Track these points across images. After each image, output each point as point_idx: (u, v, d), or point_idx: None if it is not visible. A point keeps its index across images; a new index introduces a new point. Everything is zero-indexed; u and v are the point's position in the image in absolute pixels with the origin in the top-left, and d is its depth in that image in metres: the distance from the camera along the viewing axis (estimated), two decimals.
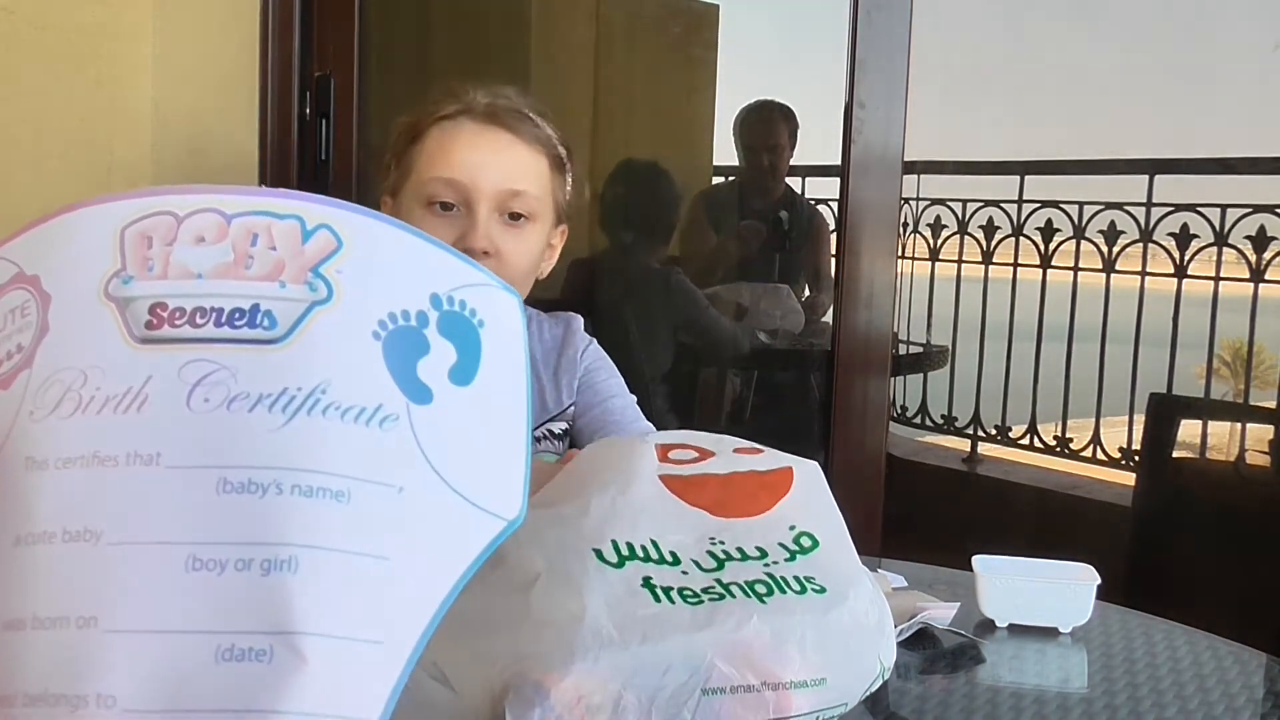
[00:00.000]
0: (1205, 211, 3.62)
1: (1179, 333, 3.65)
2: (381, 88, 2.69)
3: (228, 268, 0.59)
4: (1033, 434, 3.95)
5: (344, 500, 0.55)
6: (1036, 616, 1.19)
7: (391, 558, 0.56)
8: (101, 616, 0.52)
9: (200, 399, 0.55)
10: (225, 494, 0.54)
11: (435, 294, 0.63)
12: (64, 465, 0.55)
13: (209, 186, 0.65)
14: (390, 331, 0.60)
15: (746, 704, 0.81)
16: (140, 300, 0.58)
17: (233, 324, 0.58)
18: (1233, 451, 3.51)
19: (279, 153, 2.42)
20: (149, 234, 0.60)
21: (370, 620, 0.55)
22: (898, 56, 2.42)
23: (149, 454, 0.54)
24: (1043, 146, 9.03)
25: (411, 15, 2.93)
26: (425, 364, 0.61)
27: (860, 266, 2.47)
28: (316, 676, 0.52)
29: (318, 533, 0.54)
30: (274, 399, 0.56)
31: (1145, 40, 10.93)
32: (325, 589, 0.53)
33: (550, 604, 0.81)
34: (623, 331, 2.77)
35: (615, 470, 0.92)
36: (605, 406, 1.42)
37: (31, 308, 0.60)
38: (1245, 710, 1.03)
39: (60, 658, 0.51)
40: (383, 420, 0.58)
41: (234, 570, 0.52)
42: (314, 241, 0.61)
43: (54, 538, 0.53)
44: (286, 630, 0.52)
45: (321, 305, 0.59)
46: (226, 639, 0.51)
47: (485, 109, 1.34)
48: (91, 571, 0.52)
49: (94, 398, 0.56)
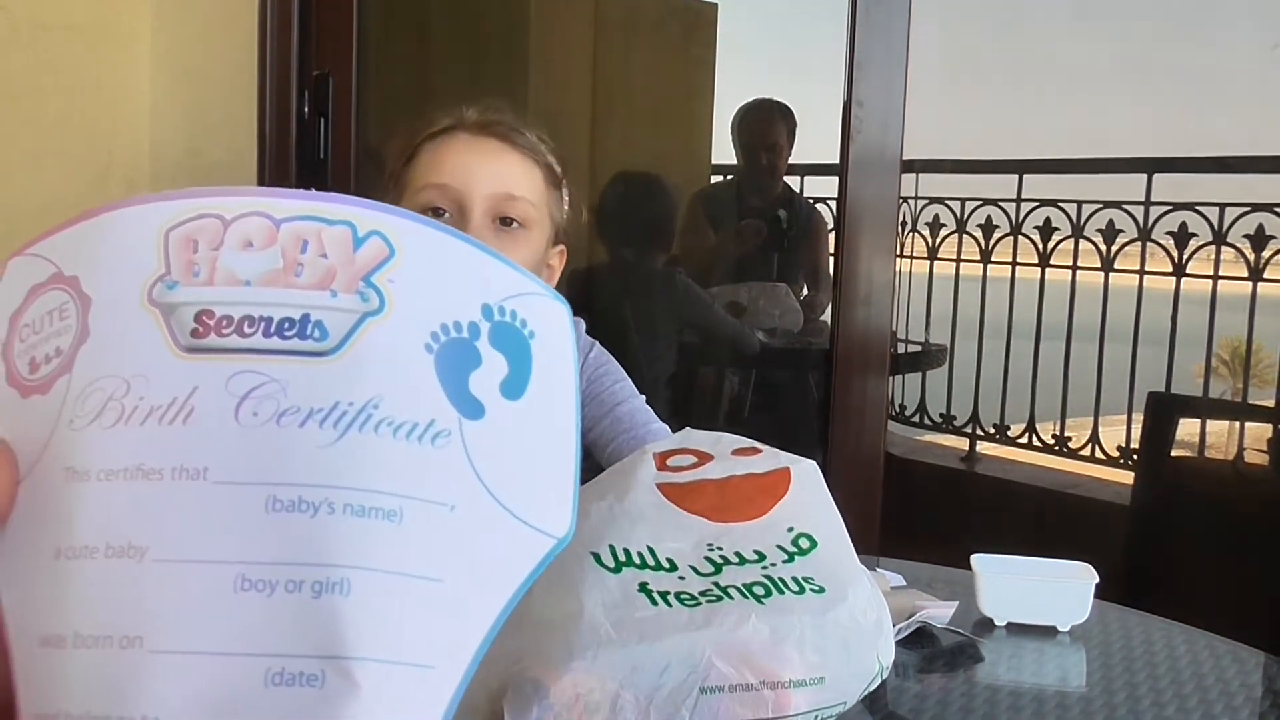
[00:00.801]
0: (1204, 210, 3.62)
1: (1177, 331, 3.65)
2: (380, 87, 2.70)
3: (277, 275, 0.57)
4: (1031, 433, 3.95)
5: (396, 520, 0.54)
6: (1035, 615, 1.20)
7: (444, 579, 0.54)
8: (146, 636, 0.50)
9: (249, 412, 0.54)
10: (275, 512, 0.52)
11: (487, 304, 0.60)
12: (107, 477, 0.53)
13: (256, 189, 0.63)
14: (443, 344, 0.58)
15: (745, 703, 0.81)
16: (185, 307, 0.56)
17: (282, 334, 0.56)
18: (1231, 450, 3.51)
19: (277, 152, 2.42)
20: (194, 237, 0.58)
21: (422, 644, 0.53)
22: (896, 55, 2.42)
23: (196, 469, 0.53)
24: (1041, 145, 9.05)
25: (410, 15, 2.93)
26: (477, 377, 0.58)
27: (859, 265, 2.47)
28: (368, 702, 0.50)
29: (370, 554, 0.52)
30: (325, 414, 0.54)
31: (1145, 40, 10.94)
32: (377, 612, 0.52)
33: (548, 604, 0.81)
34: (627, 333, 2.78)
35: (613, 479, 0.93)
36: (614, 415, 1.40)
37: (71, 310, 0.59)
38: (1243, 709, 1.03)
39: (103, 678, 0.50)
40: (435, 437, 0.56)
41: (284, 592, 0.51)
42: (366, 249, 0.60)
43: (96, 552, 0.52)
44: (338, 655, 0.51)
45: (374, 316, 0.57)
46: (276, 662, 0.50)
47: (478, 121, 1.34)
48: (136, 589, 0.51)
49: (137, 408, 0.54)
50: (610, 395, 1.42)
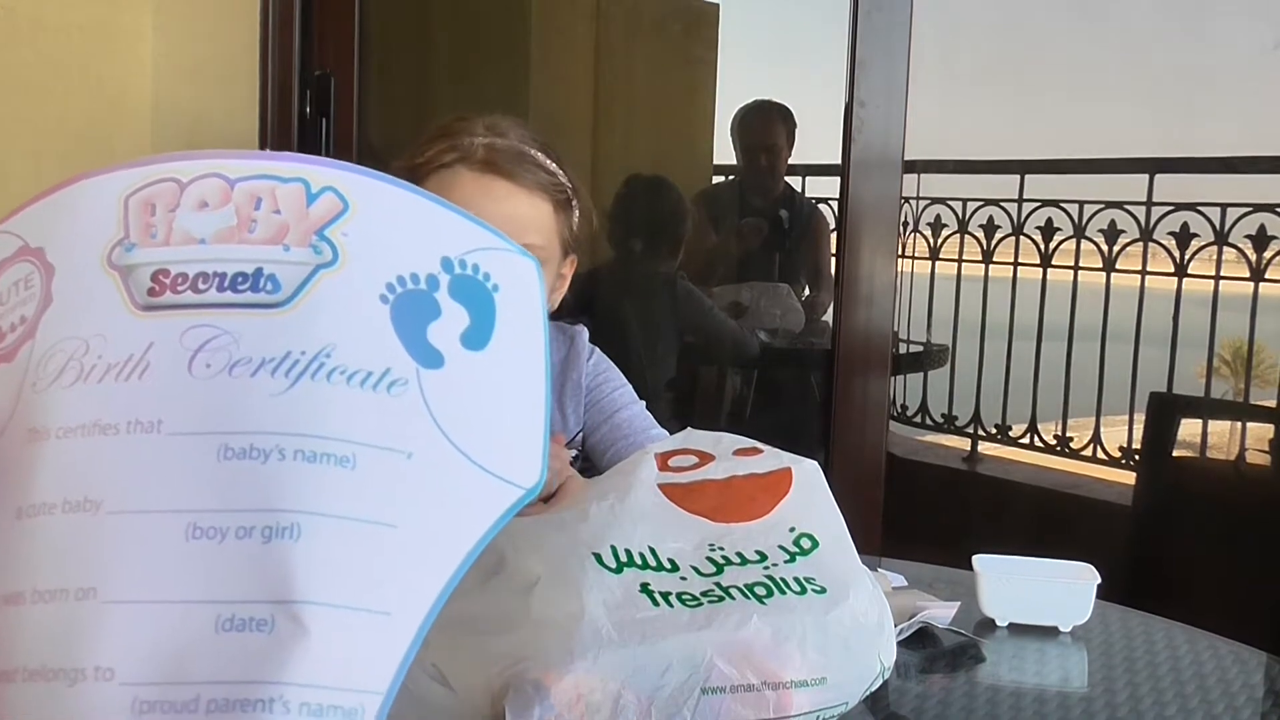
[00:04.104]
0: (1205, 210, 3.62)
1: (1179, 332, 3.64)
2: (381, 87, 2.70)
3: (231, 232, 0.58)
4: (1033, 433, 3.94)
5: (349, 466, 0.54)
6: (1036, 616, 1.19)
7: (400, 525, 0.55)
8: (100, 587, 0.51)
9: (202, 365, 0.54)
10: (226, 460, 0.53)
11: (446, 257, 0.61)
12: (65, 435, 0.54)
13: (212, 151, 0.63)
14: (399, 295, 0.59)
15: (746, 703, 0.81)
16: (143, 268, 0.58)
17: (235, 288, 0.57)
18: (1233, 451, 3.51)
19: (280, 150, 2.42)
20: (152, 201, 0.59)
21: (377, 590, 0.53)
22: (897, 56, 2.42)
23: (150, 421, 0.53)
24: (1043, 145, 9.01)
25: (411, 15, 2.93)
26: (436, 328, 0.59)
27: (860, 265, 2.47)
28: (319, 647, 0.51)
29: (321, 499, 0.53)
30: (277, 363, 0.55)
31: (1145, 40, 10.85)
32: (329, 557, 0.52)
33: (549, 604, 0.81)
34: (629, 338, 2.78)
35: (615, 479, 0.93)
36: (613, 421, 1.39)
37: (35, 280, 0.59)
38: (1245, 709, 1.03)
39: (58, 630, 0.51)
40: (391, 384, 0.57)
41: (234, 539, 0.51)
42: (319, 204, 0.60)
43: (54, 508, 0.53)
44: (287, 599, 0.51)
45: (326, 268, 0.58)
46: (226, 609, 0.51)
47: (484, 155, 1.27)
48: (91, 542, 0.52)
49: (95, 366, 0.55)
50: (610, 401, 1.41)
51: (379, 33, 2.65)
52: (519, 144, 1.29)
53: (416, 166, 1.29)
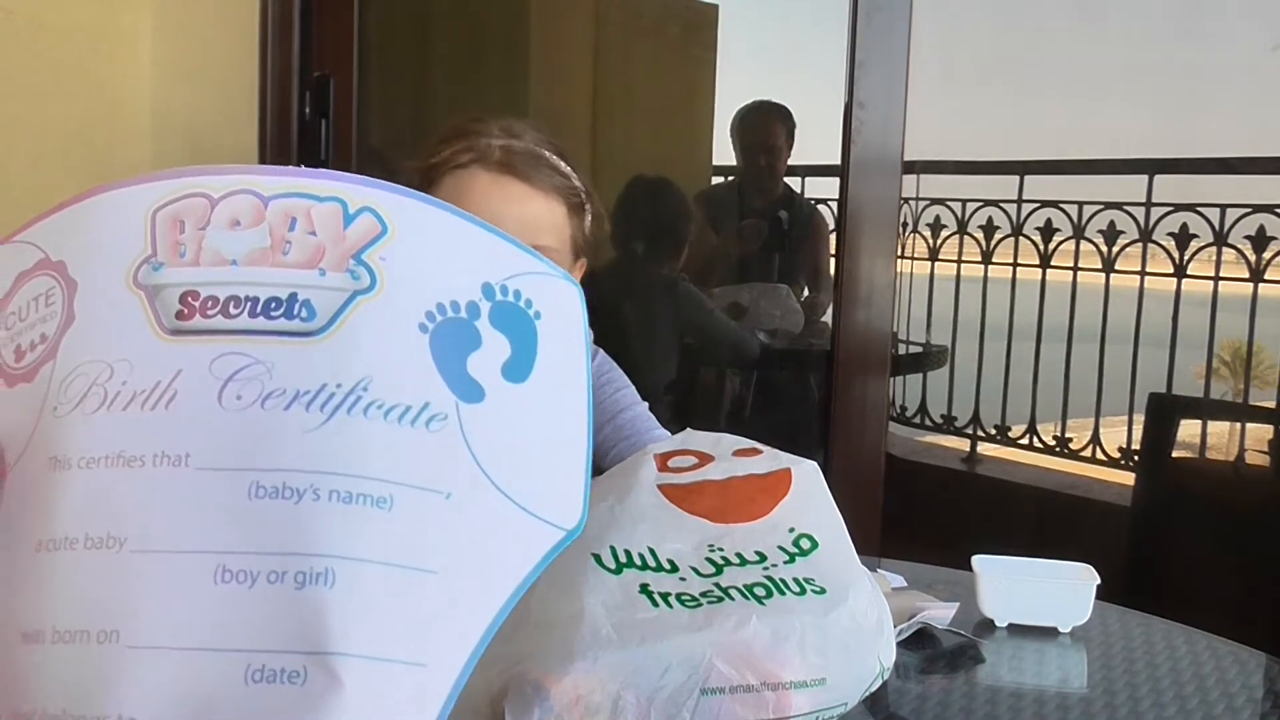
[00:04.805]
0: (1205, 211, 3.62)
1: (1178, 332, 3.64)
2: (381, 88, 2.69)
3: (264, 254, 0.56)
4: (1032, 434, 3.94)
5: (386, 507, 0.51)
6: (1036, 616, 1.19)
7: (438, 571, 0.52)
8: (123, 630, 0.49)
9: (232, 396, 0.52)
10: (257, 499, 0.50)
11: (488, 283, 0.58)
12: (87, 465, 0.51)
13: (246, 166, 0.59)
14: (438, 324, 0.56)
15: (746, 704, 0.81)
16: (170, 288, 0.55)
17: (268, 314, 0.54)
18: (1232, 451, 3.51)
19: (279, 153, 2.42)
20: (181, 217, 0.56)
21: (413, 640, 0.51)
22: (897, 56, 2.42)
23: (177, 455, 0.51)
24: (1042, 146, 9.01)
25: (411, 15, 2.93)
26: (476, 359, 0.56)
27: (860, 266, 2.47)
28: (353, 701, 0.48)
29: (357, 543, 0.50)
30: (312, 396, 0.52)
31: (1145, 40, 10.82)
32: (364, 605, 0.50)
33: (549, 606, 0.81)
34: (629, 339, 2.77)
35: (614, 480, 0.93)
36: (616, 422, 1.39)
37: (57, 295, 0.56)
38: (1244, 710, 1.03)
39: (80, 674, 0.49)
40: (429, 420, 0.54)
41: (265, 583, 0.49)
42: (357, 226, 0.57)
43: (75, 544, 0.50)
44: (321, 650, 0.48)
45: (364, 295, 0.55)
46: (257, 658, 0.48)
47: (500, 156, 1.27)
48: (113, 581, 0.49)
49: (120, 393, 0.52)
50: (613, 403, 1.41)
51: (378, 34, 2.65)
52: (534, 146, 1.30)
53: (431, 167, 1.29)
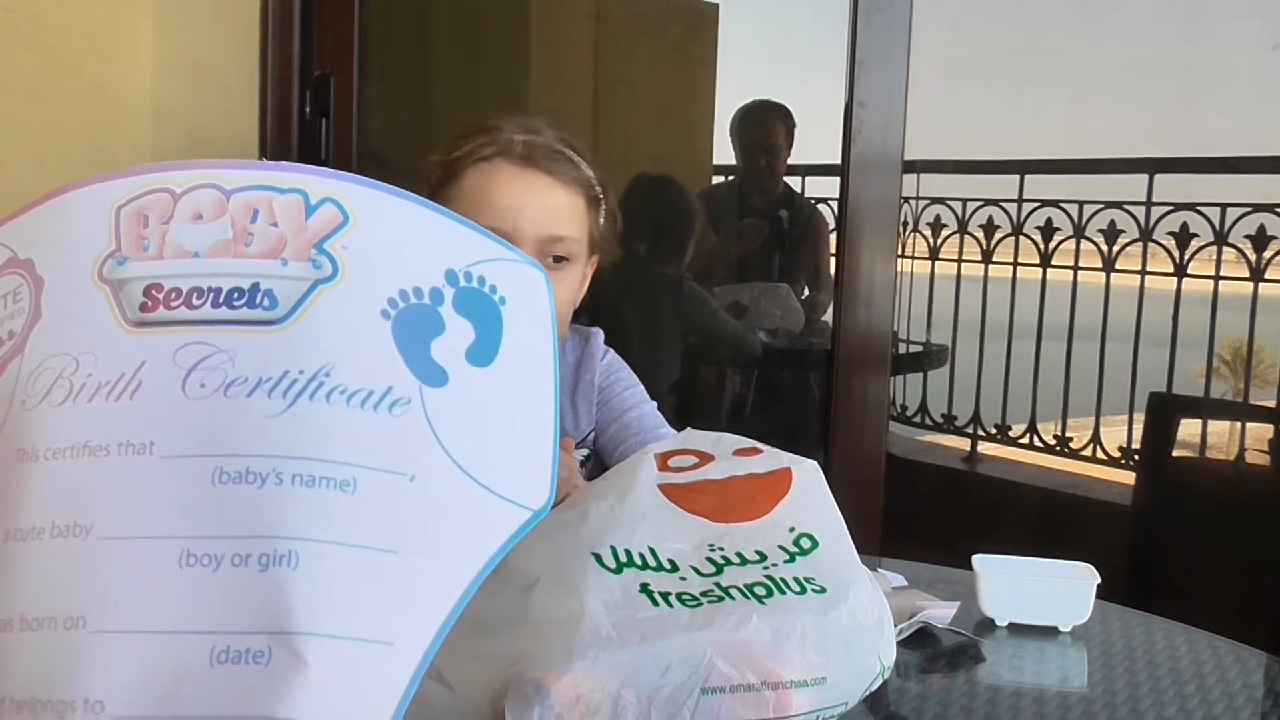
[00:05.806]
0: (1205, 210, 3.62)
1: (1179, 332, 3.64)
2: (381, 87, 2.69)
3: (226, 245, 0.56)
4: (1032, 433, 3.94)
5: (349, 490, 0.52)
6: (1036, 615, 1.19)
7: (402, 551, 0.53)
8: (90, 616, 0.49)
9: (196, 384, 0.53)
10: (221, 485, 0.51)
11: (451, 270, 0.59)
12: (54, 456, 0.52)
13: (208, 161, 0.60)
14: (401, 310, 0.57)
15: (746, 703, 0.81)
16: (135, 282, 0.56)
17: (231, 304, 0.55)
18: (1232, 451, 3.51)
19: (279, 152, 2.42)
20: (145, 212, 0.57)
21: (378, 619, 0.51)
22: (897, 56, 2.42)
23: (141, 443, 0.51)
24: (1042, 145, 9.00)
25: (411, 15, 2.93)
26: (440, 344, 0.57)
27: (860, 265, 2.47)
28: (318, 680, 0.49)
29: (320, 525, 0.51)
30: (274, 383, 0.53)
31: (1145, 39, 10.82)
32: (328, 585, 0.50)
33: (549, 605, 0.81)
34: (634, 338, 2.77)
35: (614, 479, 0.93)
36: (622, 421, 1.40)
37: (24, 293, 0.57)
38: (1245, 709, 1.03)
39: (47, 660, 0.49)
40: (393, 404, 0.55)
41: (230, 566, 0.49)
42: (318, 216, 0.58)
43: (43, 533, 0.51)
44: (285, 630, 0.49)
45: (326, 283, 0.56)
46: (222, 640, 0.49)
47: (522, 150, 1.30)
48: (80, 568, 0.50)
49: (85, 385, 0.53)
50: (620, 401, 1.42)
51: (379, 33, 2.65)
52: (554, 142, 1.33)
53: (454, 160, 1.31)
